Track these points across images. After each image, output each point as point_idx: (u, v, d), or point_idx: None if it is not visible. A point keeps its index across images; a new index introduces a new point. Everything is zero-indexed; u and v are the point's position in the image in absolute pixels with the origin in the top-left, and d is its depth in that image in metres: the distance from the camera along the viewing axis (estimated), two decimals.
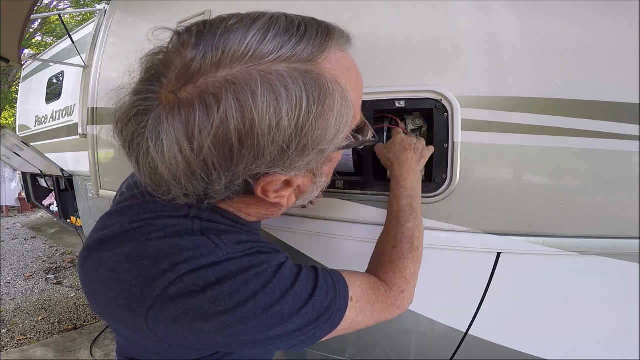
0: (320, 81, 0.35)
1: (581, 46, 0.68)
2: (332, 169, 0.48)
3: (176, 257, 0.39)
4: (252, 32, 0.34)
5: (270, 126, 0.33)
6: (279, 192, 0.42)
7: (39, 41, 9.22)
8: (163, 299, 0.38)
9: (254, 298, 0.39)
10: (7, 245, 4.65)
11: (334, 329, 0.46)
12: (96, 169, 1.55)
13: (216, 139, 0.33)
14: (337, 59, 0.38)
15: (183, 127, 0.33)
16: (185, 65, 0.33)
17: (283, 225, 0.93)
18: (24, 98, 4.02)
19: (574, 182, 0.71)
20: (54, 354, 2.27)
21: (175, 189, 0.37)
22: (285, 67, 0.34)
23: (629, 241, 0.69)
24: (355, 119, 0.42)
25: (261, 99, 0.32)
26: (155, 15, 1.24)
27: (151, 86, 0.35)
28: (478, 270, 0.79)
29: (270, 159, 0.35)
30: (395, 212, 0.67)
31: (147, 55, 0.37)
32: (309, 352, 1.06)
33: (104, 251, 0.42)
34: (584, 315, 0.78)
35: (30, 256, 4.19)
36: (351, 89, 0.39)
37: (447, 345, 0.86)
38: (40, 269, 3.74)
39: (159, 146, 0.34)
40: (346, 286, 0.48)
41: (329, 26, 0.38)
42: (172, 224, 0.42)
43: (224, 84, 0.32)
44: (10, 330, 2.55)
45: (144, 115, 0.34)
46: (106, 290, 0.41)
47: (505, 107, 0.71)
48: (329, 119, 0.36)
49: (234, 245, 0.42)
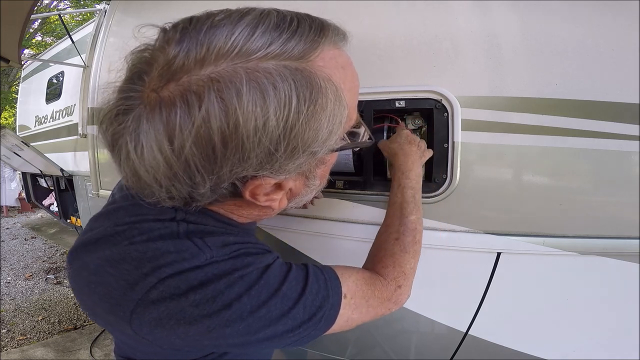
0: (312, 79, 0.33)
1: (581, 46, 0.68)
2: (327, 172, 0.46)
3: (158, 261, 0.38)
4: (240, 27, 0.32)
5: (256, 127, 0.31)
6: (269, 196, 0.40)
7: (39, 41, 9.22)
8: (145, 303, 0.37)
9: (238, 301, 0.38)
10: (7, 245, 4.65)
11: (329, 328, 0.45)
12: (96, 169, 1.55)
13: (198, 139, 0.31)
14: (331, 56, 0.36)
15: (164, 127, 0.31)
16: (168, 63, 0.32)
17: (283, 225, 0.93)
18: (24, 98, 4.01)
19: (574, 182, 0.71)
20: (54, 354, 2.27)
21: (158, 192, 0.36)
22: (274, 64, 0.32)
23: (629, 241, 0.69)
24: (350, 119, 0.40)
25: (246, 98, 0.30)
26: (155, 15, 1.24)
27: (133, 85, 0.33)
28: (478, 270, 0.79)
29: (257, 161, 0.33)
30: (399, 203, 0.65)
31: (132, 52, 0.36)
32: (309, 352, 1.06)
33: (87, 254, 0.41)
34: (584, 315, 0.78)
35: (30, 256, 4.19)
36: (346, 88, 0.37)
37: (447, 345, 0.86)
38: (40, 269, 3.74)
39: (139, 147, 0.32)
40: (339, 282, 0.47)
41: (323, 22, 0.36)
42: (157, 227, 0.41)
43: (208, 82, 0.31)
44: (10, 330, 2.55)
45: (125, 115, 0.33)
46: (90, 294, 0.40)
47: (505, 107, 0.71)
48: (321, 119, 0.34)
49: (219, 248, 0.40)
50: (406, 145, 0.70)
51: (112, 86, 0.36)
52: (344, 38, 0.39)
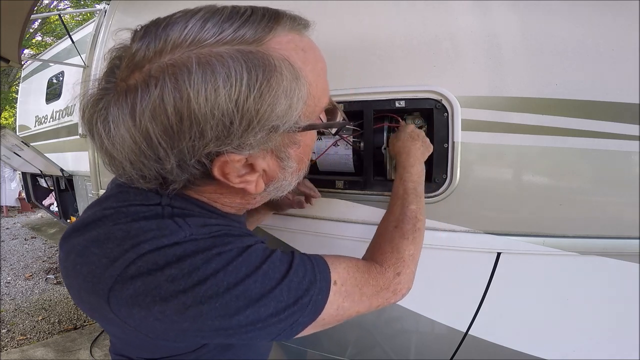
0: (265, 59, 0.36)
1: (581, 46, 0.68)
2: (305, 155, 0.47)
3: (139, 238, 0.39)
4: (193, 21, 0.36)
5: (207, 100, 0.34)
6: (243, 177, 0.42)
7: (39, 41, 9.22)
8: (123, 279, 0.38)
9: (214, 277, 0.38)
10: (7, 245, 4.65)
11: (318, 315, 0.44)
12: (96, 169, 1.55)
13: (154, 113, 0.35)
14: (288, 40, 0.39)
15: (128, 109, 0.36)
16: (132, 55, 0.37)
17: (283, 225, 0.93)
18: (24, 98, 4.01)
19: (574, 182, 0.71)
20: (54, 354, 2.27)
21: (129, 170, 0.39)
22: (226, 48, 0.36)
23: (629, 241, 0.69)
24: (317, 98, 0.42)
25: (196, 76, 0.34)
26: (155, 15, 1.24)
27: (108, 77, 0.38)
28: (478, 270, 0.79)
29: (214, 134, 0.36)
30: (400, 194, 0.66)
31: (109, 51, 0.41)
32: (309, 352, 1.06)
33: (75, 237, 0.43)
34: (584, 316, 0.78)
35: (30, 256, 4.19)
36: (308, 69, 0.40)
37: (447, 345, 0.86)
38: (40, 269, 3.74)
39: (107, 127, 0.37)
40: (327, 268, 0.46)
41: (278, 11, 0.40)
42: (143, 210, 0.42)
43: (164, 67, 0.35)
44: (10, 330, 2.55)
45: (98, 103, 0.38)
46: (76, 275, 0.41)
47: (505, 107, 0.71)
48: (277, 94, 0.37)
49: (199, 227, 0.42)
50: (409, 142, 0.71)
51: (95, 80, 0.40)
52: (306, 26, 0.42)
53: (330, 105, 0.47)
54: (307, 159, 0.48)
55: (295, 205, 0.81)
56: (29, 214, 6.72)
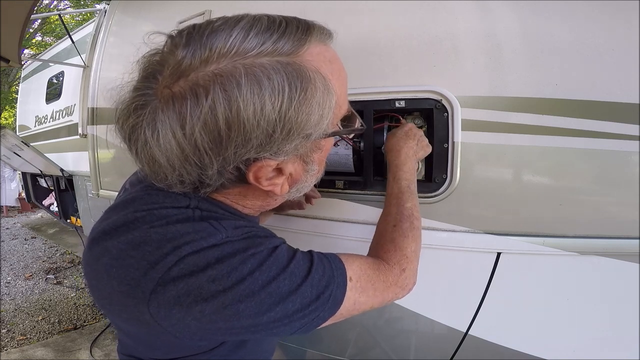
0: (301, 71, 0.39)
1: (581, 46, 0.68)
2: (324, 158, 0.50)
3: (178, 241, 0.40)
4: (236, 31, 0.38)
5: (255, 111, 0.36)
6: (271, 180, 0.44)
7: (39, 41, 9.21)
8: (165, 281, 0.39)
9: (251, 276, 0.40)
10: (7, 245, 4.65)
11: (337, 309, 0.47)
12: (96, 169, 1.55)
13: (205, 124, 0.36)
14: (318, 51, 0.41)
15: (176, 117, 0.37)
16: (178, 63, 0.38)
17: (283, 225, 0.93)
18: (24, 98, 4.02)
19: (574, 182, 0.71)
20: (54, 354, 2.27)
21: (171, 176, 0.40)
22: (267, 60, 0.37)
23: (629, 241, 0.69)
24: (341, 107, 0.45)
25: (245, 88, 0.36)
26: (155, 15, 1.24)
27: (148, 83, 0.39)
28: (478, 270, 0.79)
29: (257, 142, 0.38)
30: (395, 193, 0.67)
31: (144, 56, 0.41)
32: (308, 352, 1.06)
33: (108, 240, 0.43)
34: (584, 316, 0.78)
35: (30, 256, 4.19)
36: (334, 78, 0.42)
37: (447, 345, 0.87)
38: (40, 269, 3.74)
39: (155, 134, 0.38)
40: (343, 266, 0.49)
41: (308, 22, 0.42)
42: (174, 213, 0.44)
43: (212, 77, 0.36)
44: (10, 330, 2.55)
45: (142, 109, 0.38)
46: (109, 279, 0.41)
47: (505, 107, 0.71)
48: (312, 104, 0.39)
49: (233, 230, 0.44)
50: (402, 140, 0.71)
51: (128, 86, 0.41)
52: (330, 36, 0.44)
53: (348, 112, 0.49)
54: (324, 161, 0.51)
55: (295, 205, 0.81)
56: (29, 214, 6.71)
